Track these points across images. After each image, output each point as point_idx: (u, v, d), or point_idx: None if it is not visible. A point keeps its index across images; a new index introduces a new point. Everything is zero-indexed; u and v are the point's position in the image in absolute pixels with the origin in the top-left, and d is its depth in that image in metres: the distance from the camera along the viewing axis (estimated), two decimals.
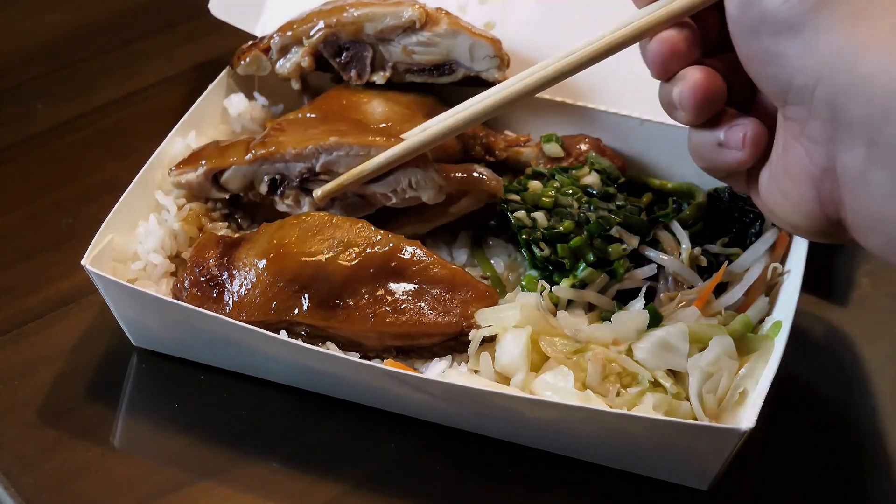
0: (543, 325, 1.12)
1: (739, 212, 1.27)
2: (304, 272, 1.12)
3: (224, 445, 1.11)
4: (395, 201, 1.19)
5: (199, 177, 1.24)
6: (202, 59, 1.69)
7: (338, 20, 1.34)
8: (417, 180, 1.17)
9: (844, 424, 1.15)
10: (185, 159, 1.28)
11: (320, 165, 1.18)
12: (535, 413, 1.04)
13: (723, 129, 0.92)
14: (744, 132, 0.91)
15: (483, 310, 1.14)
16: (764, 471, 1.10)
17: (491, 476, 1.09)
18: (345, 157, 1.18)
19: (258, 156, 1.21)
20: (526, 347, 1.09)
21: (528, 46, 1.41)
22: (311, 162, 1.19)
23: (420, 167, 1.17)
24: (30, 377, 1.18)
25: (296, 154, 1.19)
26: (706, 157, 0.95)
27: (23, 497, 1.06)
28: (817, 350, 1.23)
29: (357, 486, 1.08)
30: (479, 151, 1.38)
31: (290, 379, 1.16)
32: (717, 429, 0.99)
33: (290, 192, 1.21)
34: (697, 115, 0.92)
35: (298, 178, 1.20)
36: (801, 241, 1.18)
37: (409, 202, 1.20)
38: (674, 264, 1.19)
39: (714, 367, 1.06)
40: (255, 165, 1.21)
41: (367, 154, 1.17)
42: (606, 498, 1.07)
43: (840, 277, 1.32)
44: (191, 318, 1.11)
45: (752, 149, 0.90)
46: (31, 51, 1.74)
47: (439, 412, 1.10)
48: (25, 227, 1.39)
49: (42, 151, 1.53)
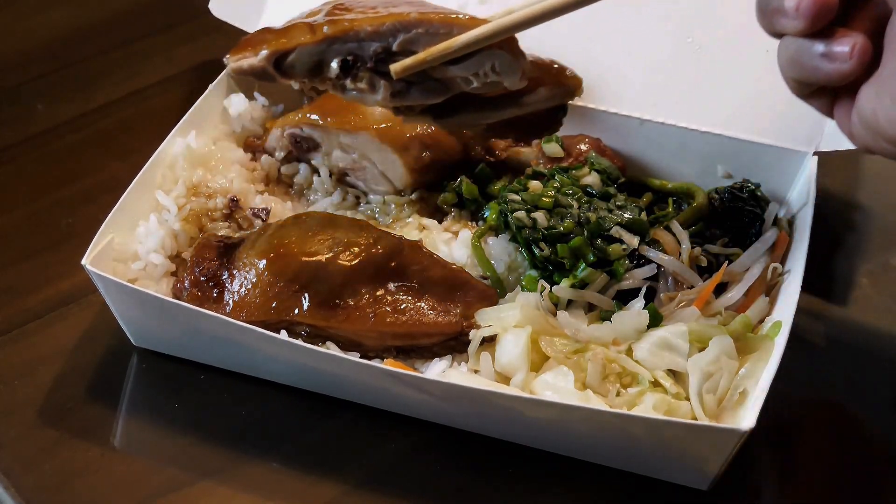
0: (543, 325, 1.12)
1: (739, 212, 1.27)
2: (305, 272, 1.12)
3: (224, 445, 1.11)
4: (475, 85, 1.09)
5: (262, 61, 1.12)
6: (202, 59, 1.69)
7: None
8: (502, 63, 1.07)
9: (844, 424, 1.14)
10: (238, 46, 1.17)
11: (398, 44, 1.07)
12: (535, 413, 1.04)
13: (829, 39, 0.87)
14: (853, 43, 0.87)
15: (483, 309, 1.14)
16: (764, 471, 1.10)
17: (491, 476, 1.09)
18: (425, 36, 1.06)
19: (329, 34, 1.09)
20: (526, 347, 1.09)
21: (528, 46, 1.41)
22: (387, 40, 1.07)
23: (506, 50, 1.07)
24: (30, 377, 1.18)
25: (372, 31, 1.07)
26: (805, 67, 0.90)
27: (23, 497, 1.06)
28: (817, 350, 1.23)
29: (357, 485, 1.08)
30: (479, 151, 1.38)
31: (290, 379, 1.16)
32: (717, 429, 0.99)
33: (364, 75, 1.09)
34: (812, 24, 0.87)
35: (373, 59, 1.08)
36: (801, 241, 1.18)
37: (489, 88, 1.11)
38: (674, 264, 1.19)
39: (714, 366, 1.06)
40: (323, 45, 1.09)
41: (450, 33, 1.06)
42: (606, 498, 1.07)
43: (840, 277, 1.32)
44: (191, 318, 1.11)
45: (859, 61, 0.86)
46: (31, 51, 1.73)
47: (439, 412, 1.10)
48: (25, 227, 1.39)
49: (42, 151, 1.53)
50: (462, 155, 1.37)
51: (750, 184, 1.29)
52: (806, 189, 1.26)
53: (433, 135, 1.33)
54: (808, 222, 1.20)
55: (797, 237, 1.22)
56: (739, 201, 1.27)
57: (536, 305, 1.13)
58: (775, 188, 1.32)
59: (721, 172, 1.35)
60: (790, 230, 1.25)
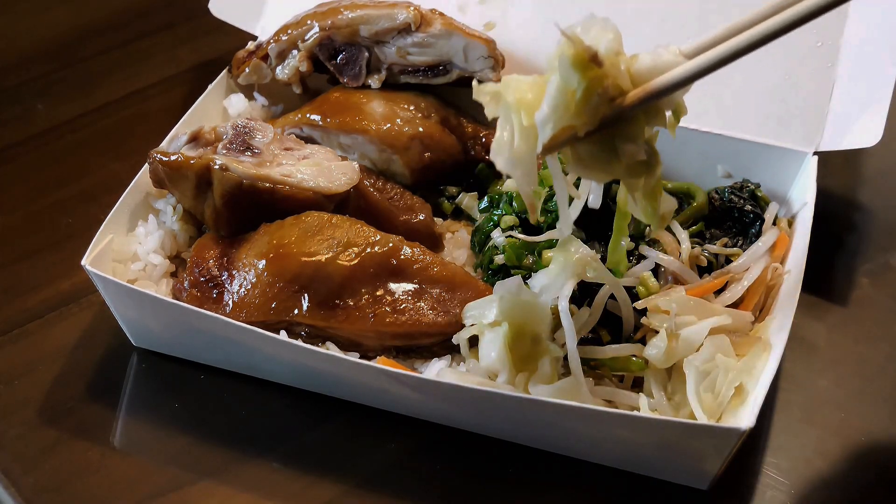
0: (524, 313, 1.08)
1: (739, 212, 1.27)
2: (304, 272, 1.12)
3: (224, 445, 1.11)
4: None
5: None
6: (202, 59, 1.69)
7: (332, 23, 1.34)
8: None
9: (844, 424, 1.14)
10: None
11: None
12: (535, 413, 1.04)
13: None
14: None
15: (469, 304, 1.12)
16: (764, 471, 1.10)
17: (491, 476, 1.09)
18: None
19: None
20: (503, 348, 1.06)
21: (528, 46, 1.41)
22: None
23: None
24: (30, 377, 1.18)
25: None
26: None
27: (23, 497, 1.06)
28: (817, 350, 1.23)
29: (357, 486, 1.08)
30: (479, 151, 1.38)
31: (290, 379, 1.16)
32: (717, 428, 0.99)
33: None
34: None
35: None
36: (801, 241, 1.18)
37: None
38: (673, 264, 1.19)
39: (710, 365, 1.06)
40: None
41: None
42: (607, 498, 1.07)
43: (840, 277, 1.32)
44: (191, 318, 1.11)
45: None
46: (31, 51, 1.73)
47: (439, 412, 1.10)
48: (25, 227, 1.39)
49: (42, 151, 1.53)
50: (462, 155, 1.37)
51: (750, 184, 1.29)
52: (806, 189, 1.26)
53: (433, 135, 1.33)
54: (808, 222, 1.20)
55: (797, 237, 1.22)
56: (739, 201, 1.27)
57: (518, 292, 1.09)
58: (775, 188, 1.32)
59: (721, 172, 1.35)
60: (790, 230, 1.25)
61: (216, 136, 1.23)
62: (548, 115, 0.92)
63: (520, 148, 0.96)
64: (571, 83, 0.90)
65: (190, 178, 1.18)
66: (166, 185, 1.22)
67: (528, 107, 0.95)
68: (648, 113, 0.95)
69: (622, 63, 0.93)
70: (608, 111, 0.92)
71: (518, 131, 0.96)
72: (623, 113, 0.93)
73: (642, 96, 0.92)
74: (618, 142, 0.94)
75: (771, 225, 1.25)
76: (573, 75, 0.90)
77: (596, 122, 0.92)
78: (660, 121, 0.96)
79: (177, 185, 1.21)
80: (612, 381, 1.13)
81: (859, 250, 1.35)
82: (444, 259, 1.19)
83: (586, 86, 0.90)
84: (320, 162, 1.21)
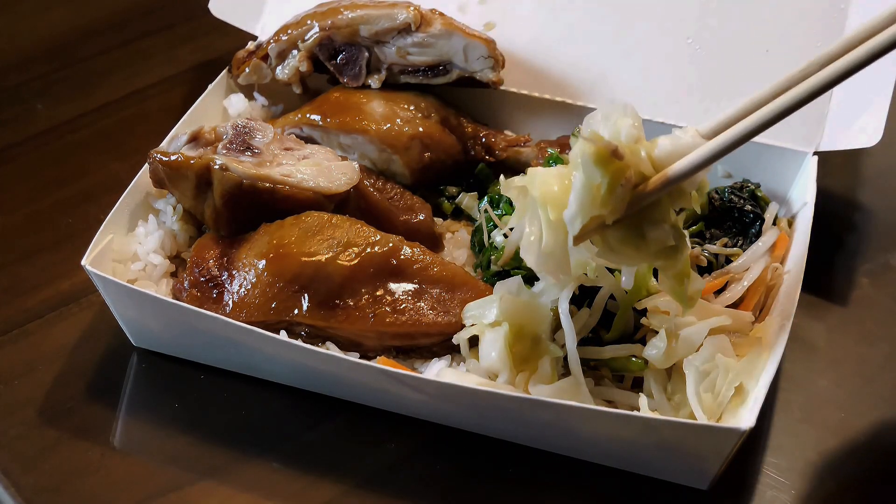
0: (524, 313, 1.08)
1: (739, 212, 1.27)
2: (304, 272, 1.12)
3: (224, 445, 1.11)
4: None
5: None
6: (202, 59, 1.69)
7: (332, 23, 1.34)
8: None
9: (844, 424, 1.14)
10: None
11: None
12: (535, 413, 1.04)
13: None
14: None
15: (469, 304, 1.12)
16: (764, 471, 1.10)
17: (491, 476, 1.09)
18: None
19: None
20: (504, 348, 1.07)
21: (528, 46, 1.42)
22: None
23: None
24: (30, 377, 1.18)
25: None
26: None
27: (23, 497, 1.06)
28: (817, 350, 1.23)
29: (357, 485, 1.08)
30: (479, 151, 1.38)
31: (290, 379, 1.16)
32: (717, 429, 0.99)
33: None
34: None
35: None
36: (801, 241, 1.18)
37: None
38: None
39: (710, 365, 1.06)
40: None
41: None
42: (607, 498, 1.07)
43: (840, 277, 1.32)
44: (191, 318, 1.11)
45: None
46: (31, 51, 1.73)
47: (439, 412, 1.10)
48: (25, 227, 1.39)
49: (42, 151, 1.53)
50: (462, 155, 1.37)
51: (750, 184, 1.29)
52: (806, 189, 1.26)
53: (433, 135, 1.33)
54: (808, 222, 1.20)
55: (797, 237, 1.22)
56: (739, 201, 1.27)
57: (518, 291, 1.09)
58: (775, 188, 1.32)
59: (721, 172, 1.35)
60: (790, 230, 1.25)
61: (216, 136, 1.23)
62: (576, 211, 0.95)
63: (548, 243, 0.99)
64: (595, 179, 0.93)
65: (190, 178, 1.18)
66: (166, 185, 1.22)
67: (553, 201, 0.98)
68: (672, 195, 0.97)
69: (642, 150, 0.95)
70: (632, 198, 0.94)
71: (546, 226, 0.99)
72: (646, 198, 0.95)
73: (663, 182, 0.94)
74: (645, 227, 0.97)
75: (771, 225, 1.25)
76: (596, 172, 0.92)
77: (622, 209, 0.94)
78: (684, 201, 0.98)
79: (177, 185, 1.21)
80: (612, 381, 1.12)
81: (859, 250, 1.35)
82: (444, 259, 1.19)
83: (609, 180, 0.92)
84: (320, 162, 1.21)
